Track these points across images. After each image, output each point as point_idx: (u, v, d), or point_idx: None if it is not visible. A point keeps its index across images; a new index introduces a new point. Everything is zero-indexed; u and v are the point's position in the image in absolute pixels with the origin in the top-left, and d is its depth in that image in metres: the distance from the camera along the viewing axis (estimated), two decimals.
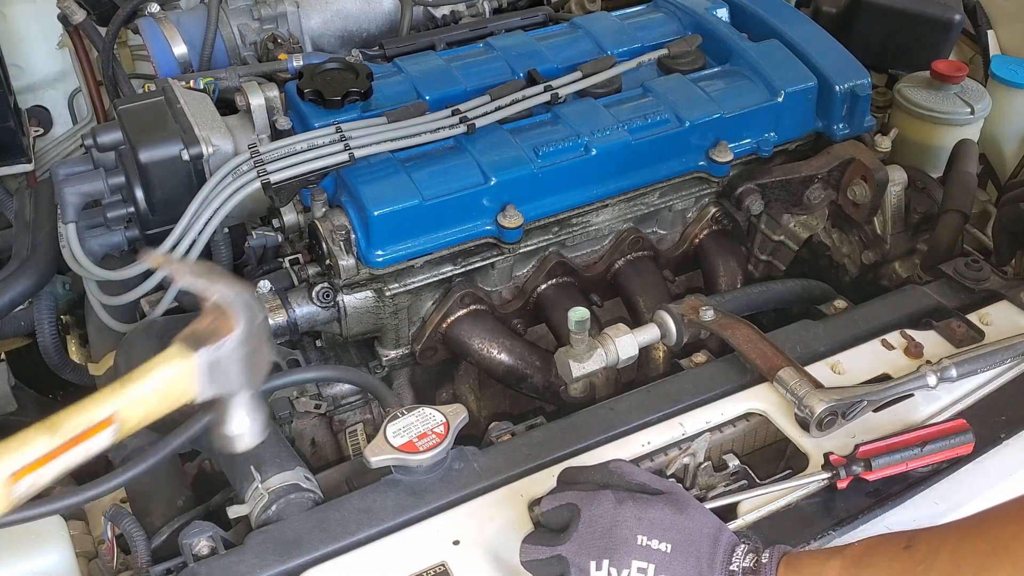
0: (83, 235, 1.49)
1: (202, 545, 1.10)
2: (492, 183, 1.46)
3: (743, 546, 0.95)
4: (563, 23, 1.85)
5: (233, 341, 0.97)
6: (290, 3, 1.86)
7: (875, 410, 1.24)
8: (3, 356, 1.79)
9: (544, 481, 1.16)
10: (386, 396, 1.34)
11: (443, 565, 1.07)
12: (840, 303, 1.50)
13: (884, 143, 1.71)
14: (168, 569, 1.12)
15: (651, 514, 0.93)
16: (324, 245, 1.45)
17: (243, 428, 1.02)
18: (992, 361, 1.29)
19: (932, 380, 1.24)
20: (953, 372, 1.25)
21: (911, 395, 1.26)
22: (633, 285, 1.65)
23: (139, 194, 1.47)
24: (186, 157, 1.43)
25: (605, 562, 0.90)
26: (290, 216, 1.52)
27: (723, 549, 0.94)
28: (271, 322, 1.45)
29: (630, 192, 1.58)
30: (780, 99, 1.63)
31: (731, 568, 0.93)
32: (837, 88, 1.65)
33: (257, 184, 1.40)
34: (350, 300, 1.48)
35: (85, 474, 1.39)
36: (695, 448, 1.19)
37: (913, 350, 1.35)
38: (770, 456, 1.31)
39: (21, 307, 1.66)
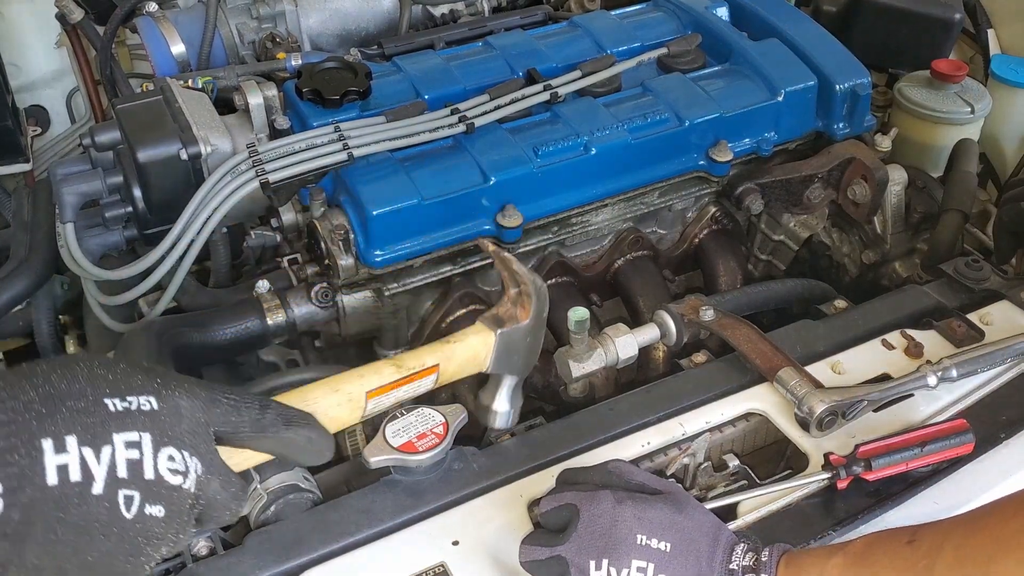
0: (81, 235, 1.49)
1: (201, 545, 1.10)
2: (491, 182, 1.46)
3: (743, 545, 0.95)
4: (562, 22, 1.84)
5: (524, 329, 1.15)
6: (288, 2, 1.86)
7: (875, 410, 1.24)
8: (1, 356, 1.79)
9: (544, 481, 1.15)
10: None
11: (442, 565, 1.06)
12: (840, 303, 1.49)
13: (884, 142, 1.71)
14: (167, 569, 1.12)
15: (650, 514, 0.93)
16: (323, 245, 1.45)
17: (503, 408, 1.20)
18: (992, 361, 1.29)
19: (932, 380, 1.24)
20: (953, 372, 1.25)
21: (911, 395, 1.26)
22: (633, 285, 1.65)
23: (137, 193, 1.47)
24: (184, 156, 1.43)
25: (604, 562, 0.90)
26: (289, 216, 1.52)
27: (722, 548, 0.93)
28: (269, 322, 1.45)
29: (630, 192, 1.58)
30: (780, 98, 1.63)
31: (731, 567, 0.93)
32: (837, 87, 1.64)
33: (255, 184, 1.40)
34: (349, 300, 1.47)
35: None
36: (695, 448, 1.19)
37: (913, 350, 1.35)
38: (770, 456, 1.30)
39: (19, 307, 1.66)
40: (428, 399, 1.21)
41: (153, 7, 1.85)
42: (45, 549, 0.65)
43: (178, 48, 1.78)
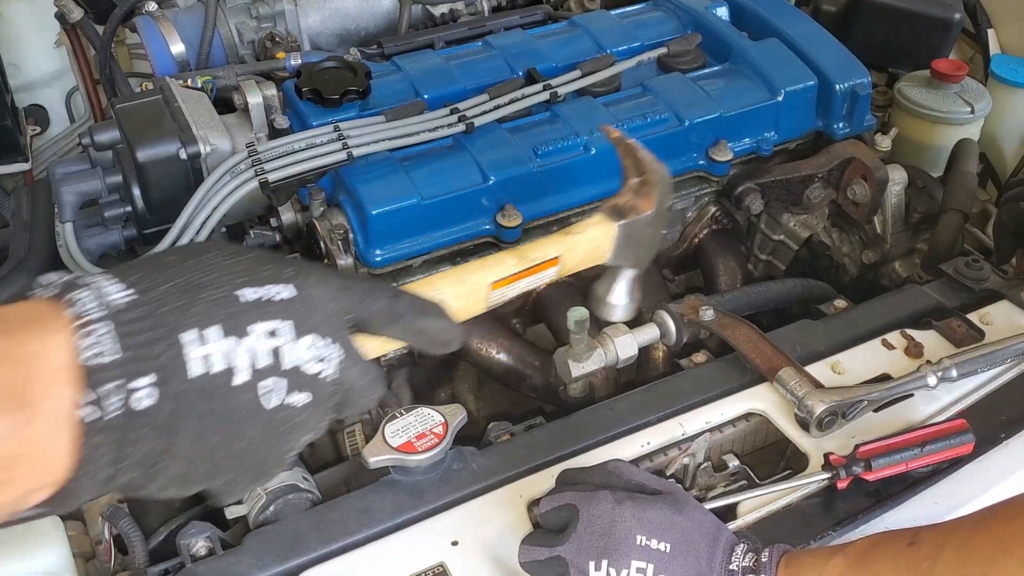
0: (80, 234, 1.49)
1: (200, 546, 1.10)
2: (491, 182, 1.46)
3: (742, 545, 0.95)
4: (562, 22, 1.84)
5: (645, 220, 1.12)
6: (288, 1, 1.86)
7: (875, 410, 1.24)
8: None
9: (543, 481, 1.15)
10: (384, 396, 1.33)
11: (442, 566, 1.06)
12: (840, 303, 1.49)
13: (884, 142, 1.71)
14: (166, 570, 1.12)
15: (650, 514, 0.93)
16: (322, 244, 1.45)
17: (621, 301, 1.19)
18: (992, 361, 1.28)
19: (932, 380, 1.24)
20: (953, 372, 1.25)
21: (911, 395, 1.26)
22: None
23: (136, 193, 1.46)
24: (183, 156, 1.43)
25: (604, 562, 0.90)
26: (288, 215, 1.51)
27: (722, 548, 0.93)
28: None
29: None
30: (780, 98, 1.63)
31: (731, 567, 0.93)
32: (837, 87, 1.64)
33: (255, 183, 1.39)
34: None
35: None
36: (695, 448, 1.18)
37: (913, 350, 1.35)
38: (770, 456, 1.30)
39: None
40: (427, 399, 1.21)
41: (152, 6, 1.85)
42: (196, 439, 0.65)
43: (177, 47, 1.78)
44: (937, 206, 1.62)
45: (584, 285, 1.64)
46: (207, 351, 0.64)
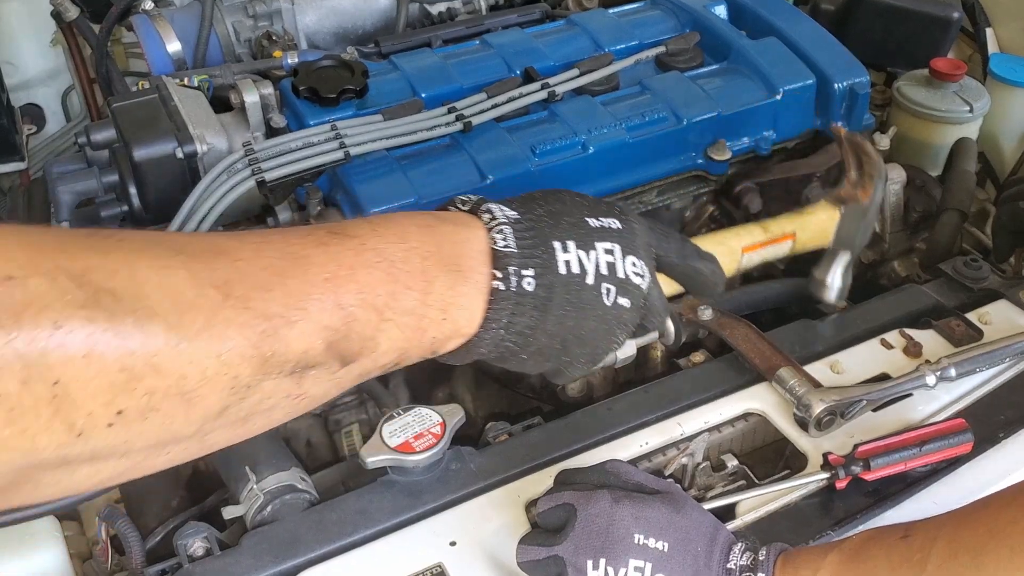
0: None
1: (197, 546, 1.10)
2: (489, 181, 1.45)
3: (740, 544, 0.95)
4: (560, 20, 1.84)
5: (863, 208, 1.29)
6: (285, 0, 1.85)
7: (874, 410, 1.24)
8: None
9: (542, 481, 1.15)
10: (382, 396, 1.33)
11: (440, 566, 1.06)
12: (839, 302, 1.49)
13: (883, 141, 1.71)
14: (163, 570, 1.11)
15: (648, 513, 0.93)
16: None
17: (835, 283, 1.31)
18: (991, 360, 1.28)
19: (931, 380, 1.24)
20: (952, 371, 1.25)
21: (909, 394, 1.26)
22: None
23: (133, 192, 1.46)
24: (180, 155, 1.42)
25: (602, 561, 0.90)
26: (285, 214, 1.51)
27: (720, 547, 0.93)
28: None
29: (627, 190, 1.57)
30: (779, 97, 1.63)
31: (728, 566, 0.92)
32: (836, 86, 1.64)
33: (252, 182, 1.39)
34: None
35: None
36: (693, 448, 1.18)
37: (912, 349, 1.35)
38: (769, 456, 1.30)
39: None
40: (425, 399, 1.21)
41: (149, 5, 1.84)
42: (557, 321, 0.86)
43: (174, 46, 1.78)
44: (936, 205, 1.62)
45: None
46: (568, 257, 0.86)
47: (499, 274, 0.82)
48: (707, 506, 1.04)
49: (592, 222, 0.89)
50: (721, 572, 0.92)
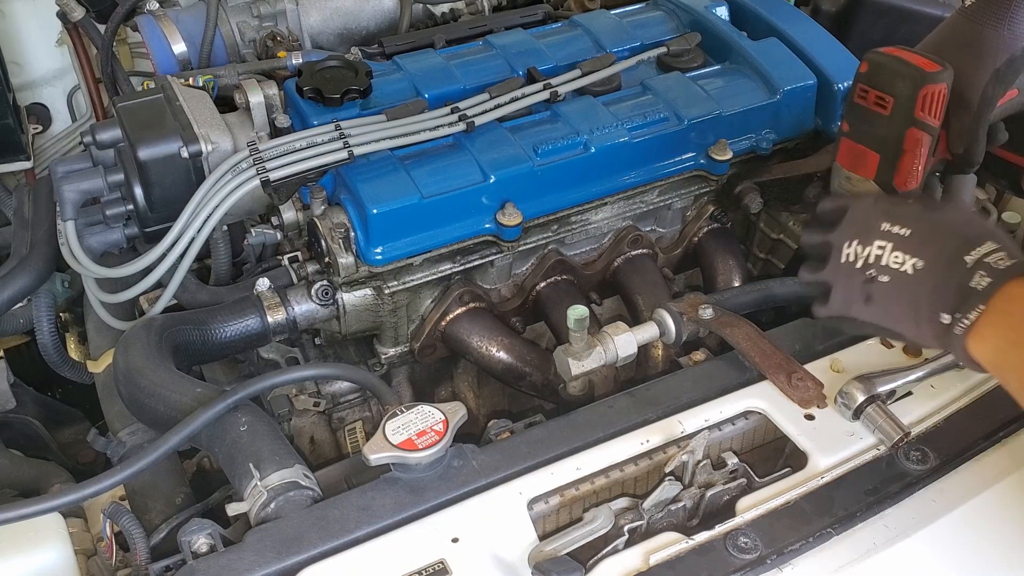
0: (82, 232, 1.49)
1: (201, 542, 1.10)
2: (491, 181, 1.46)
3: (991, 244, 0.98)
4: (562, 21, 1.85)
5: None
6: (289, 1, 1.86)
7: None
8: (2, 354, 1.79)
9: (542, 479, 1.16)
10: (385, 394, 1.34)
11: (442, 562, 1.07)
12: None
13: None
14: (167, 566, 1.12)
15: (900, 209, 1.08)
16: (323, 243, 1.46)
17: None
18: None
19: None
20: None
21: (910, 393, 1.27)
22: (632, 283, 1.65)
23: (138, 191, 1.47)
24: (185, 155, 1.43)
25: (855, 242, 1.08)
26: (289, 214, 1.52)
27: (965, 240, 1.00)
28: (269, 320, 1.46)
29: (629, 190, 1.58)
30: (779, 97, 1.63)
31: (969, 255, 0.98)
32: (836, 86, 1.65)
33: (256, 182, 1.40)
34: (349, 298, 1.48)
35: (84, 472, 1.39)
36: (694, 446, 1.19)
37: (912, 348, 1.35)
38: (769, 454, 1.31)
39: (20, 304, 1.66)
40: (428, 397, 1.21)
41: (154, 5, 1.85)
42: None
43: (179, 46, 1.79)
44: None
45: (583, 285, 1.65)
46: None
47: None
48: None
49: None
50: (958, 261, 0.98)
